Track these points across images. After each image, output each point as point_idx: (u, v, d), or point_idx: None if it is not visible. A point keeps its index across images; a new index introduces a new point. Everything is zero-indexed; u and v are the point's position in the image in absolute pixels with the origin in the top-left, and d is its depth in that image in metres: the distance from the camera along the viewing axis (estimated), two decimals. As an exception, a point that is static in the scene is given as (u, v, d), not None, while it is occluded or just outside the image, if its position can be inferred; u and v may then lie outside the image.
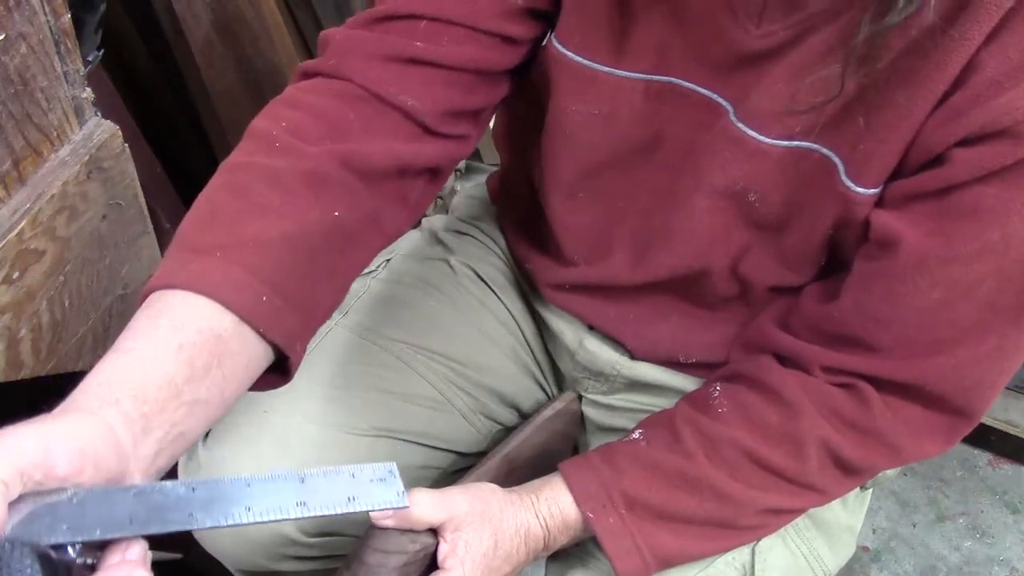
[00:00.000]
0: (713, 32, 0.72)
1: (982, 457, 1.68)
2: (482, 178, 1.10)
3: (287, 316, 0.62)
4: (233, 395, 0.60)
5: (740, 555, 0.79)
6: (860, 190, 0.70)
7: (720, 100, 0.74)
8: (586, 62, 0.77)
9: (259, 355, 0.62)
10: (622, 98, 0.77)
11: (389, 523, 0.69)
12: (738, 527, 0.76)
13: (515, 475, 0.84)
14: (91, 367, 0.54)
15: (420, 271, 0.96)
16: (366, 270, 0.96)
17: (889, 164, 0.69)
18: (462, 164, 1.73)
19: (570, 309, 0.93)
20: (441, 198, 1.64)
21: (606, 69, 0.76)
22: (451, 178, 1.69)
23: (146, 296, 0.59)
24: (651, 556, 0.75)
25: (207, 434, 0.84)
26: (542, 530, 0.76)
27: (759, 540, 0.80)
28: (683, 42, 0.74)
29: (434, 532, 0.71)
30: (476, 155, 1.91)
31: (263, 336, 0.60)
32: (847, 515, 0.89)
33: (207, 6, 1.31)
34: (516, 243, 0.97)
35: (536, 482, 0.79)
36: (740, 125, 0.73)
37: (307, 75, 0.74)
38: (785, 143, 0.72)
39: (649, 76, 0.76)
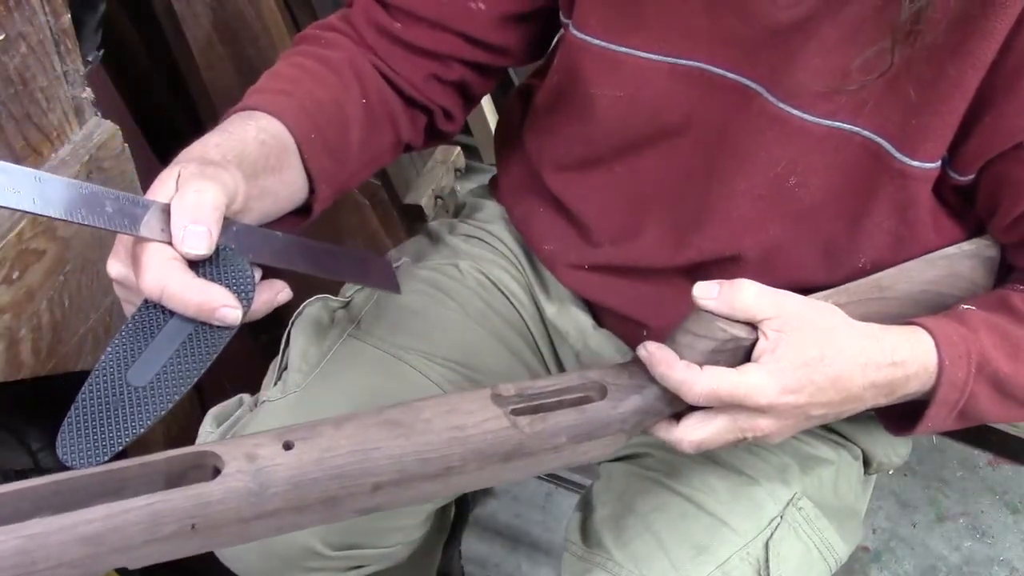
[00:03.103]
0: (738, 7, 0.72)
1: (982, 457, 1.68)
2: (482, 178, 1.09)
3: (324, 156, 0.75)
4: (280, 204, 0.71)
5: (754, 549, 0.79)
6: (917, 164, 0.70)
7: (749, 83, 0.74)
8: (606, 44, 0.78)
9: (300, 182, 0.74)
10: (645, 80, 0.77)
11: (710, 304, 0.65)
12: None
13: (884, 308, 0.76)
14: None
15: (429, 276, 0.95)
16: None
17: (945, 137, 0.69)
18: (462, 164, 1.74)
19: (583, 291, 0.92)
20: (441, 198, 1.65)
21: (626, 50, 0.77)
22: (451, 179, 1.70)
23: (230, 114, 0.73)
24: (959, 415, 0.71)
25: None
26: (894, 367, 0.67)
27: (773, 534, 0.80)
28: (706, 22, 0.74)
29: (755, 328, 0.66)
30: (476, 155, 1.92)
31: (305, 164, 0.73)
32: (854, 500, 0.89)
33: (207, 6, 1.31)
34: (533, 227, 0.96)
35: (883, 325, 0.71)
36: (781, 105, 0.73)
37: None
38: (828, 122, 0.72)
39: (674, 60, 0.76)
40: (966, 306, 0.74)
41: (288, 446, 0.56)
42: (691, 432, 0.66)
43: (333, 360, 0.87)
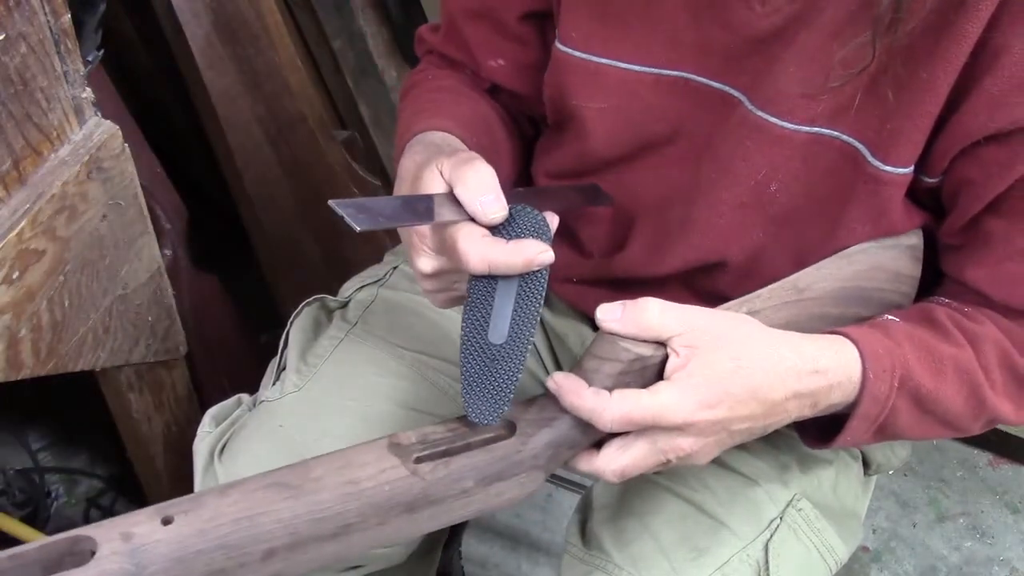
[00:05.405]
0: (719, 16, 0.72)
1: (982, 457, 1.69)
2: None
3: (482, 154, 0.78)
4: None
5: (753, 551, 0.79)
6: (890, 169, 0.71)
7: (732, 91, 0.75)
8: (588, 56, 0.78)
9: None
10: (631, 92, 0.78)
11: (615, 327, 0.63)
12: (960, 430, 0.74)
13: (804, 309, 0.74)
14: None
15: None
16: (374, 278, 0.95)
17: (918, 142, 0.70)
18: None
19: (578, 303, 0.93)
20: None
21: (608, 62, 0.78)
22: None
23: (402, 153, 0.78)
24: (878, 430, 0.70)
25: (223, 449, 0.83)
26: (816, 376, 0.66)
27: (772, 535, 0.80)
28: (690, 31, 0.74)
29: (662, 345, 0.64)
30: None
31: None
32: (854, 501, 0.89)
33: (207, 6, 1.31)
34: None
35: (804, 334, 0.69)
36: (760, 113, 0.73)
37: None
38: (807, 129, 0.72)
39: (659, 70, 0.77)
40: (891, 317, 0.73)
41: (167, 521, 0.53)
42: (611, 461, 0.64)
43: (331, 360, 0.87)
